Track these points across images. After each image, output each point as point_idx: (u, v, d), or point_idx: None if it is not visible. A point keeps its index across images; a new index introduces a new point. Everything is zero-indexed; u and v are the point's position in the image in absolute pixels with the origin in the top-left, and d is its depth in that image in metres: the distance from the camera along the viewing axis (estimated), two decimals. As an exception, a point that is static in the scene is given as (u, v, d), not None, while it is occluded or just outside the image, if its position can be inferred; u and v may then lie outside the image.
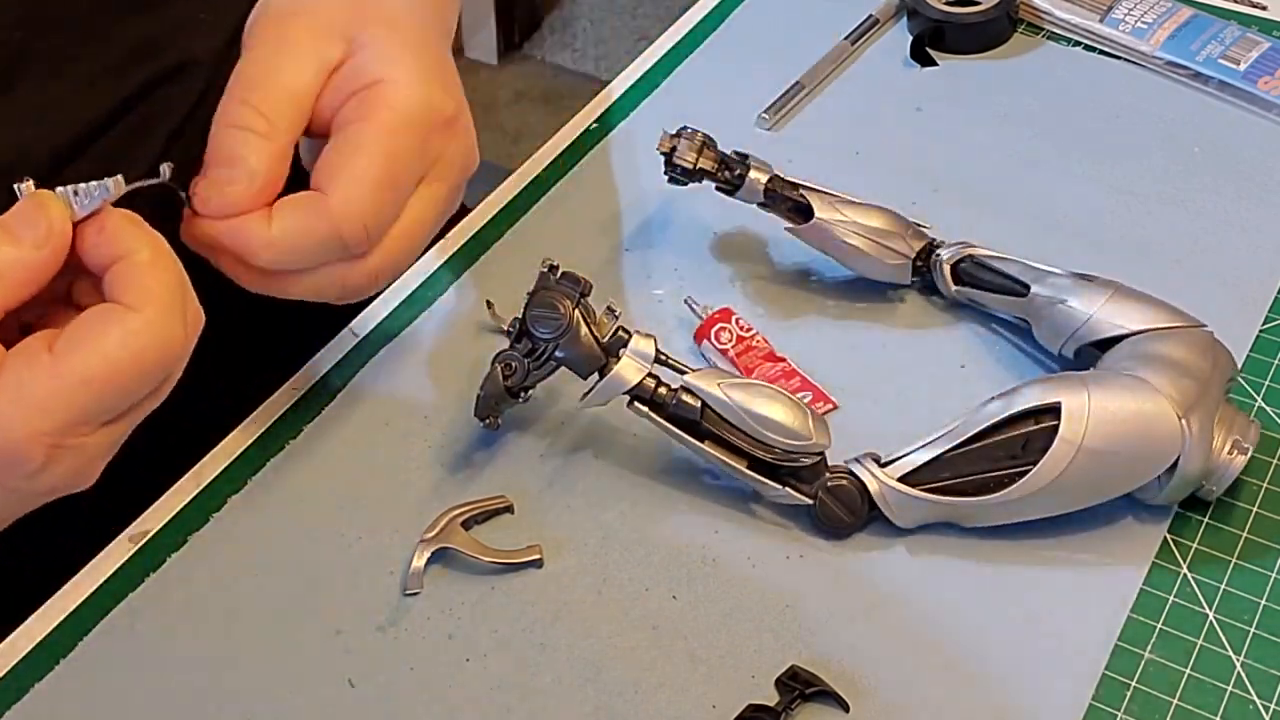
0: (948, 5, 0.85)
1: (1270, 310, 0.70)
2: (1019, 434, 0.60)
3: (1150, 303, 0.64)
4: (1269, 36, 0.82)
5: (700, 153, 0.69)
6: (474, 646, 0.60)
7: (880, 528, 0.62)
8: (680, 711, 0.58)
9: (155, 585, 0.63)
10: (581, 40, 2.38)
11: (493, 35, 2.34)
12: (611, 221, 0.77)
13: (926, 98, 0.83)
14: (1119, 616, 0.59)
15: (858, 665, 0.59)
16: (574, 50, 2.37)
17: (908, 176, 0.78)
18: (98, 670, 0.60)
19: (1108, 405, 0.59)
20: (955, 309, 0.71)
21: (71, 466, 0.53)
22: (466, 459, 0.67)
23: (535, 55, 2.38)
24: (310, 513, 0.65)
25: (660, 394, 0.61)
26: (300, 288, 0.61)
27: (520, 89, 2.33)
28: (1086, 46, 0.85)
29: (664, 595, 0.61)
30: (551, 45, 2.39)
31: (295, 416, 0.69)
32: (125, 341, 0.52)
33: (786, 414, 0.60)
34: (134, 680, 0.60)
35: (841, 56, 0.86)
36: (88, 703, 0.59)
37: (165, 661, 0.61)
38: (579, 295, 0.61)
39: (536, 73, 2.36)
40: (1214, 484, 0.61)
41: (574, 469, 0.66)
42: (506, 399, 0.62)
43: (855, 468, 0.62)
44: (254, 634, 0.61)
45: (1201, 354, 0.61)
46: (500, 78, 2.35)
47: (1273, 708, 0.56)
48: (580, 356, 0.61)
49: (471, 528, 0.63)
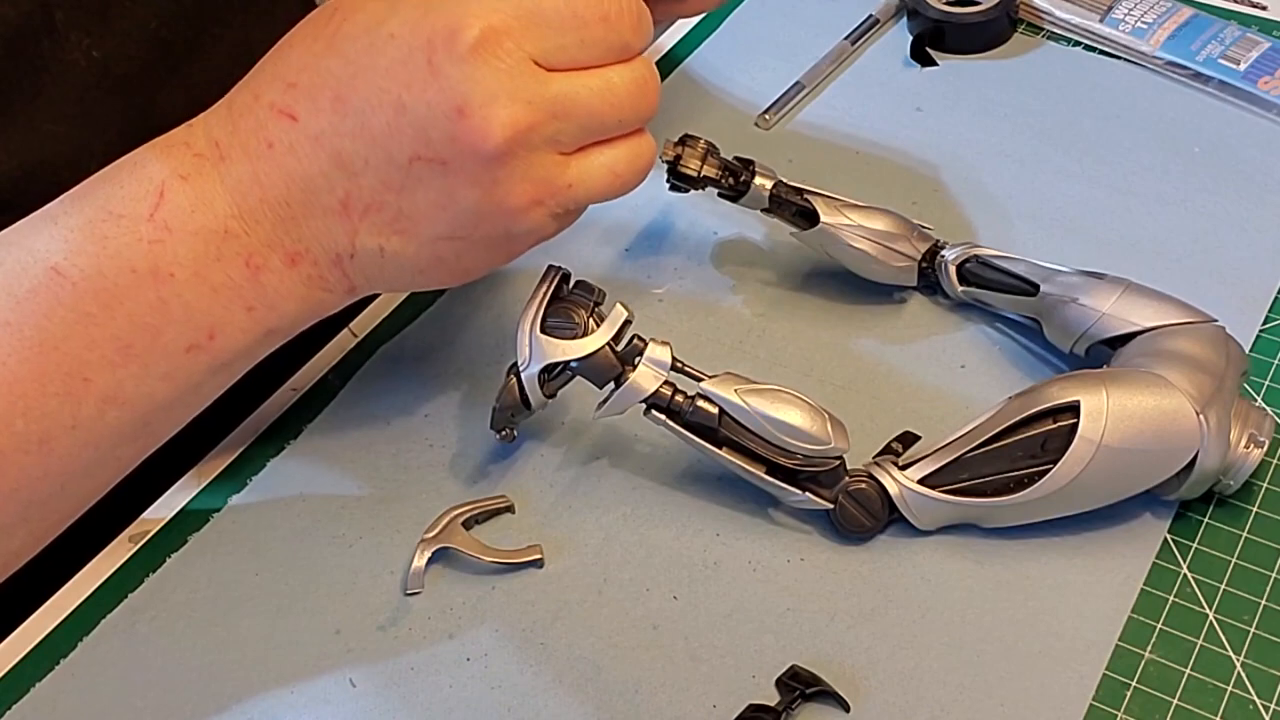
0: (948, 5, 0.85)
1: (1270, 310, 0.70)
2: (1038, 433, 0.60)
3: (1162, 299, 0.64)
4: (1269, 36, 0.82)
5: (704, 161, 0.69)
6: (474, 646, 0.60)
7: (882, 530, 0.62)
8: (680, 711, 0.58)
9: (155, 585, 0.63)
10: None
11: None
12: (613, 223, 0.77)
13: (926, 98, 0.83)
14: (1119, 616, 0.59)
15: (858, 665, 0.59)
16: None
17: (908, 176, 0.78)
18: (98, 670, 0.60)
19: (1126, 403, 0.59)
20: (961, 310, 0.71)
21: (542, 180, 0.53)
22: (467, 458, 0.67)
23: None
24: (310, 513, 0.65)
25: (677, 402, 0.61)
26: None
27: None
28: (1086, 46, 0.85)
29: (665, 596, 0.61)
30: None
31: (295, 416, 0.69)
32: None
33: (804, 419, 0.60)
34: (134, 680, 0.60)
35: (841, 56, 0.86)
36: (88, 703, 0.59)
37: (165, 661, 0.61)
38: (593, 304, 0.61)
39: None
40: (1231, 478, 0.61)
41: (575, 468, 0.66)
42: (522, 410, 0.62)
43: (875, 471, 0.62)
44: (254, 634, 0.61)
45: (1215, 349, 0.61)
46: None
47: (1273, 708, 0.56)
48: (596, 366, 0.60)
49: (472, 527, 0.63)
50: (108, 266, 0.52)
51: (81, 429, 0.54)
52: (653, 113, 0.55)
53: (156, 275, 0.52)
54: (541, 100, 0.52)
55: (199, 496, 0.66)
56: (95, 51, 0.64)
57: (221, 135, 0.54)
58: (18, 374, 0.52)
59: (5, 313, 0.52)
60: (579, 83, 0.53)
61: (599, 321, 0.60)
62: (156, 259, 0.52)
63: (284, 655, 0.61)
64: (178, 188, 0.53)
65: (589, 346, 0.60)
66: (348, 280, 0.56)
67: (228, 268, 0.53)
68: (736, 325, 0.72)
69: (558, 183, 0.54)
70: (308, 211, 0.53)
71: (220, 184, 0.53)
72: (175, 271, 0.53)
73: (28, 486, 0.55)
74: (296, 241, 0.54)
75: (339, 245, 0.54)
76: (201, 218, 0.53)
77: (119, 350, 0.53)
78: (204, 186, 0.53)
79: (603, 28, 0.52)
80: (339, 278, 0.55)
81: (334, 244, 0.54)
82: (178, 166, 0.53)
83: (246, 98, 0.54)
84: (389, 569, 0.63)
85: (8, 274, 0.52)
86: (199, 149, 0.53)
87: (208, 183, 0.53)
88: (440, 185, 0.52)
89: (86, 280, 0.52)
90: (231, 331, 0.54)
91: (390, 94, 0.51)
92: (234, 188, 0.53)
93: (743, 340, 0.71)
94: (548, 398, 0.61)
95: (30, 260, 0.52)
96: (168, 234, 0.52)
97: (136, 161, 0.54)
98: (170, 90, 0.67)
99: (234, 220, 0.53)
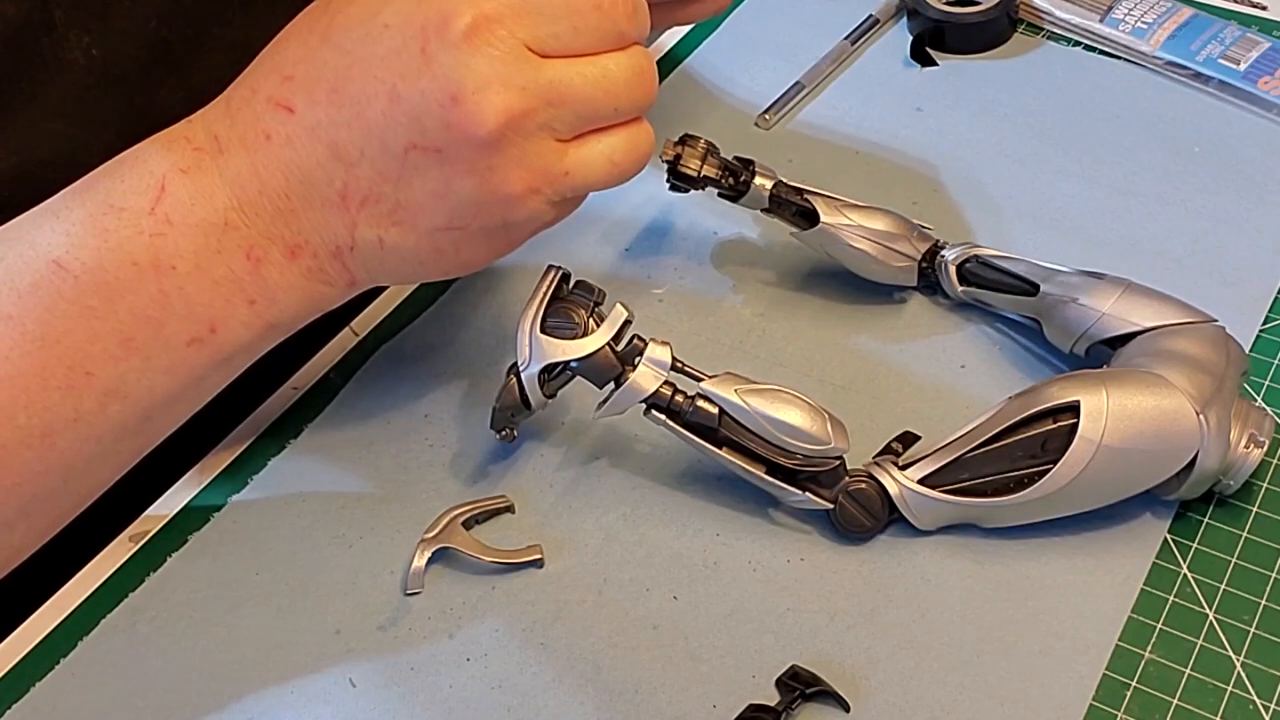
0: (948, 5, 0.85)
1: (1270, 310, 0.70)
2: (1038, 433, 0.60)
3: (1162, 299, 0.64)
4: (1269, 36, 0.82)
5: (704, 160, 0.69)
6: (474, 646, 0.60)
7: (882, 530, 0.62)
8: (680, 711, 0.58)
9: (155, 585, 0.63)
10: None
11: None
12: (613, 223, 0.77)
13: (926, 98, 0.83)
14: (1119, 616, 0.59)
15: (858, 665, 0.59)
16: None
17: (908, 176, 0.78)
18: (98, 670, 0.60)
19: (1126, 403, 0.59)
20: (960, 310, 0.71)
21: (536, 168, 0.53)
22: (467, 458, 0.67)
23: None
24: (310, 513, 0.65)
25: (677, 402, 0.61)
26: None
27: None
28: (1086, 46, 0.85)
29: (665, 596, 0.61)
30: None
31: (295, 416, 0.69)
32: None
33: (804, 419, 0.60)
34: (134, 680, 0.60)
35: (841, 56, 0.86)
36: (88, 703, 0.59)
37: (165, 661, 0.61)
38: (593, 304, 0.61)
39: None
40: (1231, 478, 0.61)
41: (575, 468, 0.66)
42: (522, 410, 0.62)
43: (875, 471, 0.62)
44: (254, 634, 0.61)
45: (1215, 349, 0.61)
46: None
47: (1273, 708, 0.56)
48: (596, 366, 0.60)
49: (472, 527, 0.63)
50: (109, 260, 0.53)
51: (83, 423, 0.54)
52: (650, 101, 0.55)
53: (158, 268, 0.53)
54: (535, 86, 0.52)
55: (200, 495, 0.66)
56: (95, 50, 0.64)
57: (220, 129, 0.54)
58: (20, 368, 0.52)
59: (7, 306, 0.52)
60: (574, 69, 0.53)
61: (599, 321, 0.60)
62: (158, 252, 0.53)
63: (284, 655, 0.61)
64: (178, 181, 0.53)
65: (589, 346, 0.60)
66: (348, 273, 0.56)
67: (229, 260, 0.54)
68: (736, 325, 0.72)
69: (554, 170, 0.54)
70: (306, 203, 0.54)
71: (219, 177, 0.53)
72: (176, 264, 0.53)
73: (30, 481, 0.55)
74: (296, 234, 0.54)
75: (338, 237, 0.54)
76: (202, 211, 0.53)
77: (121, 343, 0.53)
78: (204, 180, 0.53)
79: (596, 15, 0.52)
80: (339, 270, 0.56)
81: (333, 236, 0.54)
82: (178, 160, 0.54)
83: (244, 92, 0.54)
84: (389, 569, 0.63)
85: (9, 268, 0.53)
86: (198, 143, 0.54)
87: (207, 176, 0.53)
88: (437, 174, 0.53)
89: (88, 273, 0.52)
90: (233, 325, 0.55)
91: (385, 84, 0.51)
92: (233, 180, 0.53)
93: (743, 340, 0.71)
94: (548, 398, 0.61)
95: (32, 254, 0.53)
96: (169, 227, 0.53)
97: (137, 156, 0.54)
98: (169, 89, 0.67)
99: (234, 213, 0.53)
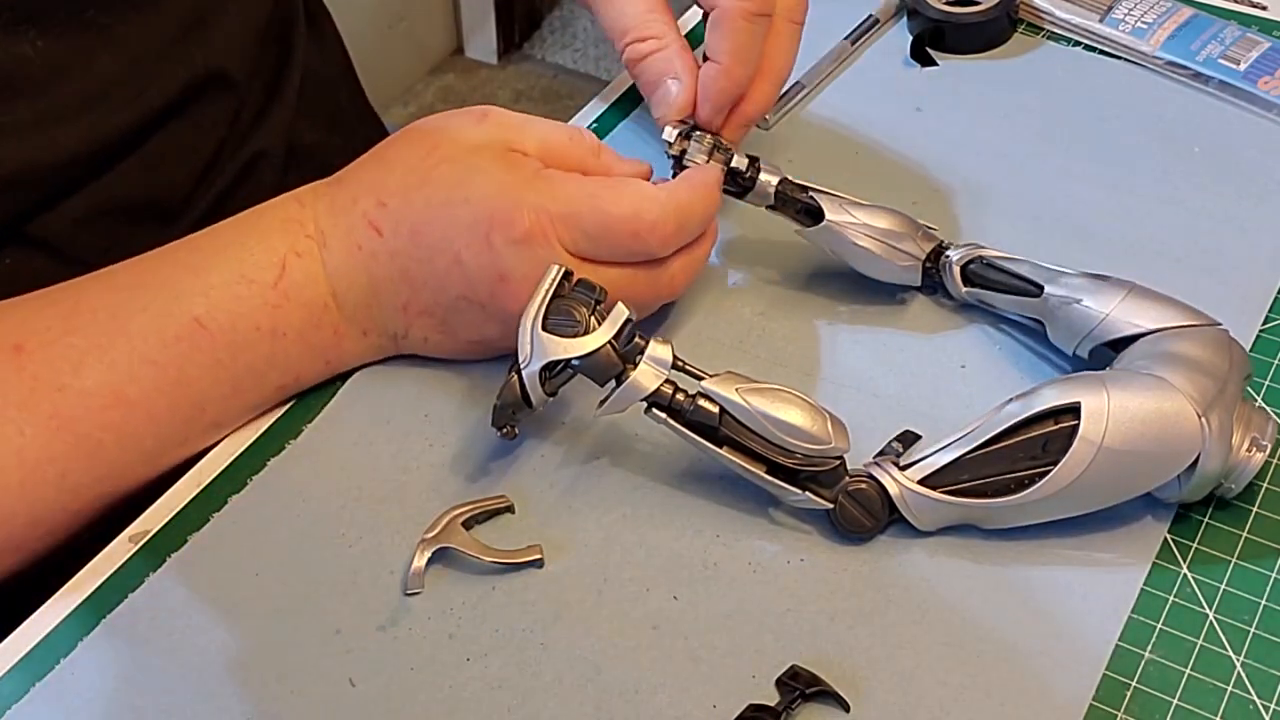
0: (948, 5, 0.85)
1: (1270, 310, 0.70)
2: (1038, 435, 0.60)
3: (1165, 301, 0.64)
4: (1269, 36, 0.82)
5: (711, 156, 0.69)
6: (474, 646, 0.60)
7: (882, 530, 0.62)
8: (680, 711, 0.58)
9: (155, 585, 0.63)
10: (581, 40, 2.38)
11: (493, 35, 2.34)
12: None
13: (926, 98, 0.83)
14: (1119, 616, 0.59)
15: (858, 665, 0.59)
16: (574, 50, 2.37)
17: (908, 176, 0.78)
18: (97, 670, 0.60)
19: (1127, 405, 0.59)
20: (964, 310, 0.71)
21: None
22: (467, 458, 0.67)
23: (535, 55, 2.38)
24: (310, 513, 0.65)
25: (678, 401, 0.61)
26: None
27: (520, 89, 2.33)
28: (1086, 46, 0.85)
29: (665, 596, 0.61)
30: (551, 45, 2.39)
31: (295, 416, 0.69)
32: None
33: (805, 418, 0.60)
34: (134, 680, 0.60)
35: (841, 56, 0.86)
36: (88, 702, 0.59)
37: (165, 662, 0.61)
38: (595, 302, 0.61)
39: (536, 73, 2.36)
40: (1233, 482, 0.61)
41: (575, 469, 0.66)
42: (523, 408, 0.62)
43: (875, 471, 0.62)
44: (254, 634, 0.61)
45: (1218, 352, 0.61)
46: (500, 78, 2.35)
47: (1273, 708, 0.56)
48: (597, 364, 0.60)
49: (472, 527, 0.63)
50: (240, 324, 0.64)
51: (186, 446, 0.66)
52: (660, 304, 0.69)
53: (274, 333, 0.65)
54: None
55: (199, 495, 0.66)
56: None
57: (325, 224, 0.66)
58: (156, 404, 0.64)
59: (154, 352, 0.63)
60: (601, 274, 0.64)
61: (600, 320, 0.60)
62: (276, 321, 0.65)
63: (284, 655, 0.60)
64: (294, 264, 0.65)
65: (590, 344, 0.60)
66: (398, 348, 0.69)
67: (321, 333, 0.67)
68: (737, 324, 0.72)
69: None
70: (379, 305, 0.67)
71: (323, 268, 0.66)
72: (287, 331, 0.66)
73: (130, 492, 0.65)
74: (369, 320, 0.67)
75: (397, 329, 0.68)
76: (310, 292, 0.66)
77: (233, 388, 0.66)
78: (312, 266, 0.66)
79: (631, 241, 0.64)
80: (393, 347, 0.69)
81: (394, 328, 0.68)
82: (294, 244, 0.66)
83: (345, 200, 0.66)
84: (389, 569, 0.63)
85: (155, 317, 0.64)
86: (309, 231, 0.66)
87: (314, 264, 0.66)
88: (477, 315, 0.66)
89: (222, 333, 0.64)
90: (310, 375, 0.68)
91: (454, 247, 0.64)
92: (333, 273, 0.66)
93: (744, 339, 0.71)
94: (549, 395, 0.61)
95: (176, 309, 0.64)
96: (286, 301, 0.65)
97: (262, 232, 0.66)
98: None
99: (330, 298, 0.66)
